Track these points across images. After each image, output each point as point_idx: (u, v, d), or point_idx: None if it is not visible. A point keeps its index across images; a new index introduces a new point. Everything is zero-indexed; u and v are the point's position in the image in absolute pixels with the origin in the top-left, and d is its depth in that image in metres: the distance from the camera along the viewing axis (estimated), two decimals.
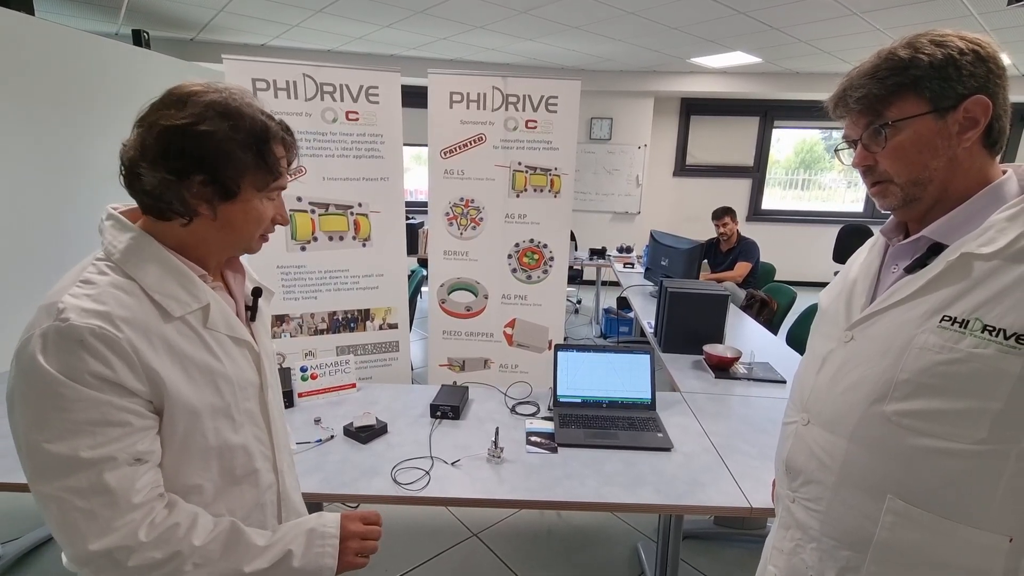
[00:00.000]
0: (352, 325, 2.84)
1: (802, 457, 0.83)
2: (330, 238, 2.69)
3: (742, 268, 3.83)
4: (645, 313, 3.01)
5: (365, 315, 2.84)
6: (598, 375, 1.80)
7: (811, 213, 6.95)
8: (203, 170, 0.68)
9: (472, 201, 2.83)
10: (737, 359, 2.12)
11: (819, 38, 4.28)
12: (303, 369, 1.80)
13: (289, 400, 1.74)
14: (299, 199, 2.57)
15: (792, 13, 3.66)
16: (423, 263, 4.99)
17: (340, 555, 0.78)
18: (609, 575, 1.96)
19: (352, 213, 2.70)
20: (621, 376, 1.79)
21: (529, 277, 2.92)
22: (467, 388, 1.85)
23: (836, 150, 0.82)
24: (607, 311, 4.76)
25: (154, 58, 3.79)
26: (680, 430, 1.65)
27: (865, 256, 0.87)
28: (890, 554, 0.72)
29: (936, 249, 0.72)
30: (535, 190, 2.80)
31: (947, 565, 0.69)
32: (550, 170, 2.78)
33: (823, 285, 0.99)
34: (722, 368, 2.12)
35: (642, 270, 4.39)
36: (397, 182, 2.74)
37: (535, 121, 2.72)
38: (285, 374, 1.75)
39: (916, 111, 0.69)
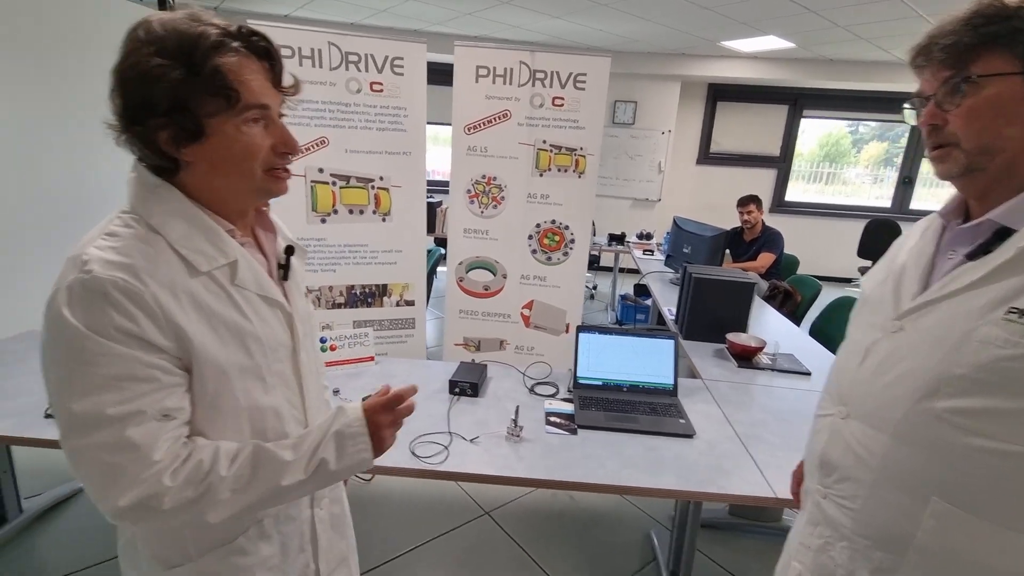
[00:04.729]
0: (369, 300, 2.83)
1: (838, 452, 0.79)
2: (350, 211, 2.66)
3: (765, 259, 3.74)
4: (666, 300, 2.96)
5: (383, 290, 2.83)
6: (619, 358, 1.76)
7: (836, 207, 6.77)
8: (152, 111, 0.62)
9: (494, 179, 2.78)
10: (761, 349, 2.07)
11: (859, 23, 4.12)
12: (322, 340, 1.79)
13: None
14: (320, 170, 2.55)
15: None
16: (439, 242, 4.97)
17: (375, 445, 0.75)
18: (621, 560, 1.95)
19: (373, 187, 2.67)
20: (643, 360, 1.76)
21: (549, 259, 2.87)
22: (486, 366, 1.83)
23: (903, 107, 0.76)
24: (623, 297, 4.71)
25: None
26: (702, 417, 1.61)
27: (916, 241, 0.81)
28: (931, 558, 0.68)
29: (1002, 234, 0.67)
30: (559, 170, 2.74)
31: (993, 570, 0.65)
32: (575, 150, 2.72)
33: (846, 280, 0.94)
34: (745, 357, 2.08)
35: (662, 257, 4.33)
36: (419, 157, 2.70)
37: (562, 99, 2.65)
38: None
39: (1005, 69, 0.63)
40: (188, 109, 0.64)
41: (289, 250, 0.84)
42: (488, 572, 1.87)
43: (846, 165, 6.93)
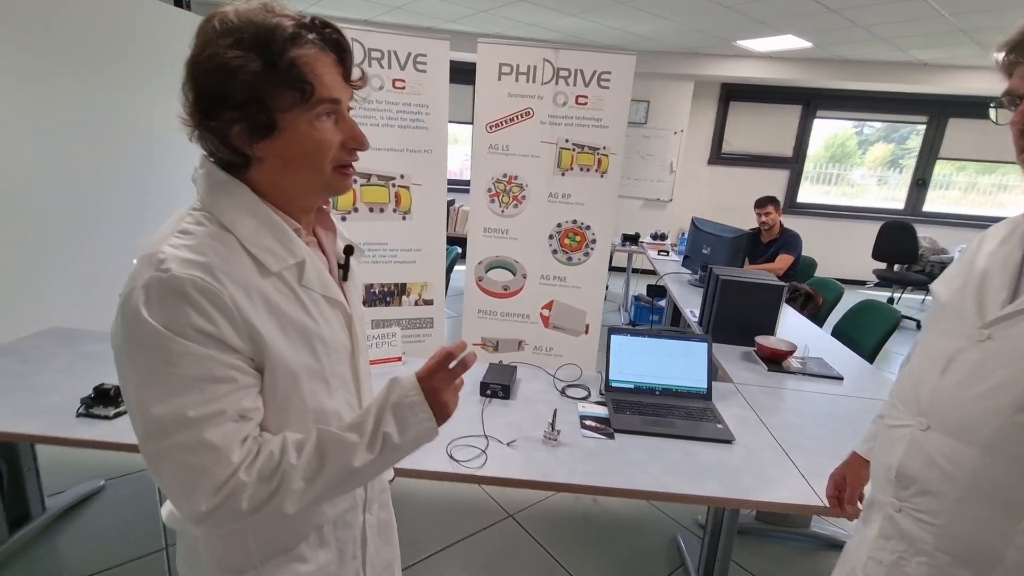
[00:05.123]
0: (388, 299, 2.81)
1: (918, 465, 0.76)
2: (370, 209, 2.64)
3: (783, 261, 3.70)
4: (687, 302, 2.93)
5: (402, 289, 2.81)
6: (652, 361, 1.74)
7: (848, 208, 6.72)
8: (227, 104, 0.60)
9: (515, 178, 2.75)
10: (792, 353, 2.04)
11: (879, 23, 4.08)
12: None
13: None
14: None
15: None
16: (453, 241, 4.94)
17: (437, 411, 0.70)
18: (649, 564, 1.93)
19: (394, 185, 2.65)
20: (676, 363, 1.73)
21: (570, 259, 2.85)
22: (515, 367, 1.80)
23: (991, 105, 0.73)
24: (637, 298, 4.68)
25: (195, 21, 3.74)
26: (738, 422, 1.59)
27: (996, 245, 0.79)
28: None
29: None
30: (581, 169, 2.71)
31: None
32: (598, 149, 2.69)
33: (860, 283, 0.91)
34: (775, 361, 2.05)
35: (677, 258, 4.30)
36: (441, 155, 2.67)
37: (586, 97, 2.62)
38: None
39: None
40: (263, 103, 0.62)
41: (348, 250, 0.82)
42: None
43: (852, 166, 6.87)
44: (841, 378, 1.97)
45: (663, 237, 4.84)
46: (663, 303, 4.50)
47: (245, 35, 0.60)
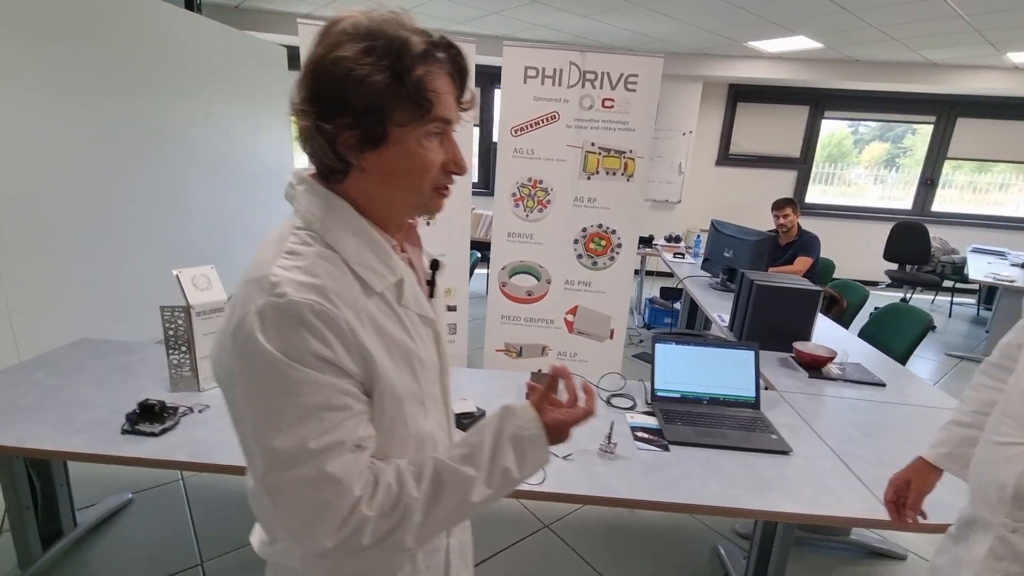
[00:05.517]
0: None
1: None
2: None
3: (802, 263, 3.69)
4: (712, 306, 2.90)
5: None
6: (698, 369, 1.71)
7: (856, 208, 6.71)
8: (344, 110, 0.58)
9: (540, 182, 2.72)
10: (832, 359, 2.02)
11: (893, 24, 4.07)
12: None
13: None
14: None
15: None
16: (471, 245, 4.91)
17: (553, 443, 0.70)
18: (688, 574, 1.90)
19: None
20: (722, 371, 1.71)
21: (595, 263, 2.82)
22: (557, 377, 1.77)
23: None
24: (651, 301, 4.66)
25: (205, 24, 3.70)
26: (789, 431, 1.56)
27: None
28: None
29: None
30: (607, 173, 2.69)
31: None
32: (624, 152, 2.66)
33: (872, 283, 0.88)
34: (814, 367, 2.03)
35: (692, 260, 4.28)
36: (466, 158, 2.63)
37: (612, 100, 2.60)
38: None
39: None
40: (381, 114, 0.59)
41: (434, 264, 0.80)
42: None
43: (848, 165, 6.87)
44: (883, 384, 1.94)
45: (677, 239, 4.82)
46: (677, 305, 4.48)
47: (378, 45, 0.57)
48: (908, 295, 5.76)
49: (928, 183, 6.51)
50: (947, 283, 5.56)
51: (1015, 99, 5.89)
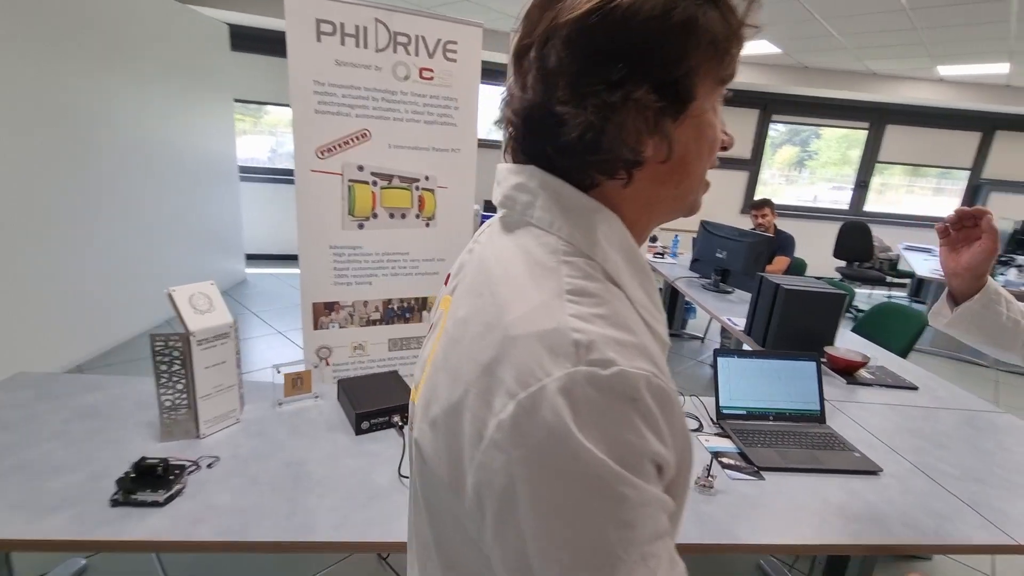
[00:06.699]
0: (407, 315, 2.50)
1: None
2: (391, 215, 2.33)
3: (781, 262, 3.76)
4: (717, 309, 2.85)
5: (422, 304, 2.52)
6: (760, 383, 1.61)
7: (801, 208, 7.07)
8: (644, 73, 0.40)
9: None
10: (865, 363, 1.99)
11: (856, 32, 4.25)
12: None
13: None
14: (360, 168, 2.21)
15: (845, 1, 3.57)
16: None
17: None
18: None
19: (417, 188, 2.35)
20: (785, 384, 1.61)
21: None
22: None
23: None
24: None
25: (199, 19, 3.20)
26: (862, 446, 1.49)
27: None
28: None
29: None
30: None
31: None
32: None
33: (826, 280, 0.81)
34: (848, 372, 1.99)
35: (672, 260, 4.27)
36: (469, 155, 2.41)
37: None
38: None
39: None
40: (690, 67, 0.41)
41: None
42: None
43: (764, 167, 7.16)
44: (916, 387, 1.94)
45: (653, 239, 4.80)
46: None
47: None
48: (855, 290, 6.13)
49: (862, 185, 6.97)
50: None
51: (939, 109, 6.41)
